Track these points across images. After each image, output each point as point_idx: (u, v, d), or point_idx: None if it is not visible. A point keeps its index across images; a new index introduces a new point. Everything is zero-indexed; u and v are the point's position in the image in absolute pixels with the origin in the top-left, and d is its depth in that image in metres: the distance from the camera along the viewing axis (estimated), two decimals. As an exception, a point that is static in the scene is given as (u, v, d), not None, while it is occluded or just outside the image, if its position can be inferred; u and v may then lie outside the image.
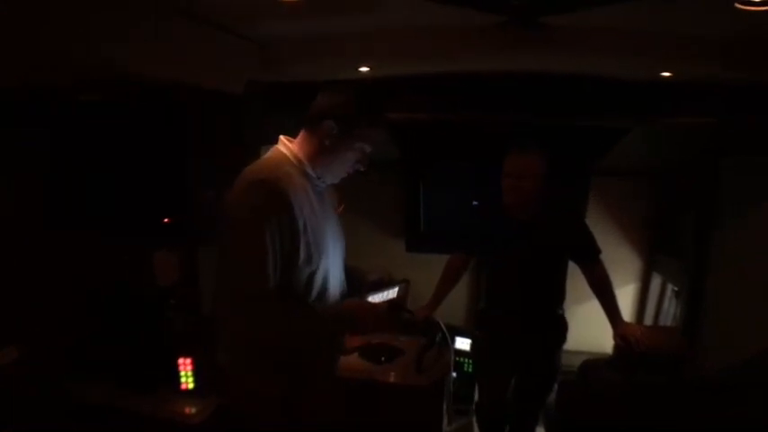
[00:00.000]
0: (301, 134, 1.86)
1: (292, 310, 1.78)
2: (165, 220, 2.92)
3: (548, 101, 3.24)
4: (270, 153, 1.87)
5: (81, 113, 2.91)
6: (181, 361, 2.86)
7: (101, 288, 3.06)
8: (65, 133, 2.97)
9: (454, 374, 3.43)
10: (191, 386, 2.88)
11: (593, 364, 3.07)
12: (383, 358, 2.98)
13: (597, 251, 2.79)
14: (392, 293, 1.95)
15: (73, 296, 3.00)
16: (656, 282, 4.39)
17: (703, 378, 2.90)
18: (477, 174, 3.55)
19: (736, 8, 1.77)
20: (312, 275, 1.81)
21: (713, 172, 3.37)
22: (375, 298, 1.94)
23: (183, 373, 2.87)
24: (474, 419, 3.30)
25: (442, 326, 3.09)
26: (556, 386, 2.96)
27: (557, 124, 3.53)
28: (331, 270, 1.89)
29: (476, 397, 3.21)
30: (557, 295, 2.88)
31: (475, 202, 3.22)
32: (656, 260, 4.35)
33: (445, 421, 3.17)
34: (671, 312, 4.08)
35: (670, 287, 4.16)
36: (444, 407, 3.10)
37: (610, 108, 3.22)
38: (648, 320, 4.38)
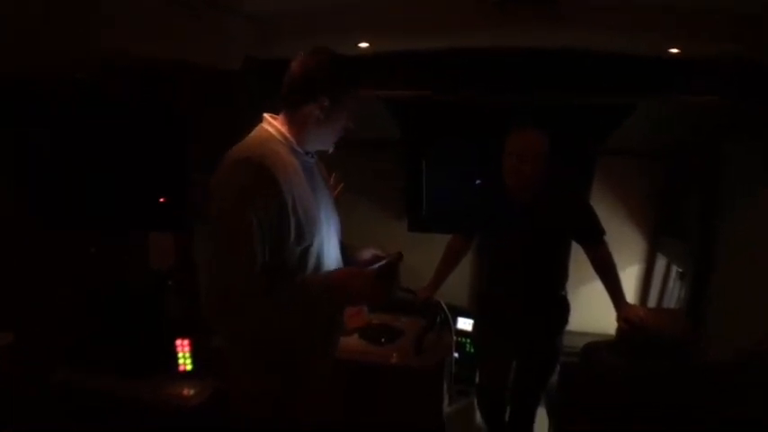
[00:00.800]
0: (284, 112, 1.81)
1: (281, 301, 1.68)
2: (161, 199, 2.90)
3: (551, 77, 3.17)
4: (255, 132, 1.82)
5: (80, 104, 2.88)
6: (179, 342, 2.85)
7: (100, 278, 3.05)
8: (63, 125, 2.94)
9: (456, 355, 3.42)
10: (189, 368, 2.87)
11: (596, 346, 3.05)
12: (383, 339, 2.97)
13: (601, 232, 2.75)
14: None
15: (72, 285, 2.99)
16: (660, 263, 4.34)
17: (706, 363, 2.87)
18: (479, 152, 3.51)
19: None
20: (305, 252, 1.76)
21: (718, 153, 3.31)
22: None
23: (180, 355, 2.86)
24: (475, 401, 3.29)
25: (444, 307, 3.07)
26: (558, 368, 2.94)
27: (561, 101, 3.46)
28: (325, 246, 1.84)
29: (477, 378, 3.19)
30: (559, 276, 2.85)
31: (478, 181, 3.18)
32: (661, 242, 4.30)
33: (446, 402, 3.16)
34: (675, 294, 4.04)
35: (675, 269, 4.11)
36: (445, 388, 3.09)
37: (614, 84, 3.15)
38: (652, 302, 4.34)
